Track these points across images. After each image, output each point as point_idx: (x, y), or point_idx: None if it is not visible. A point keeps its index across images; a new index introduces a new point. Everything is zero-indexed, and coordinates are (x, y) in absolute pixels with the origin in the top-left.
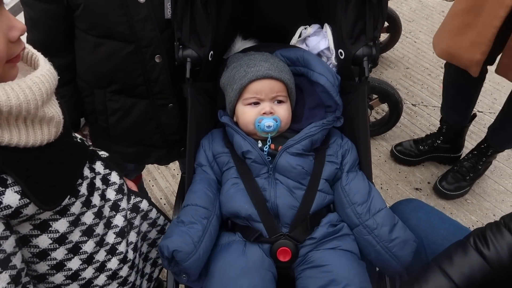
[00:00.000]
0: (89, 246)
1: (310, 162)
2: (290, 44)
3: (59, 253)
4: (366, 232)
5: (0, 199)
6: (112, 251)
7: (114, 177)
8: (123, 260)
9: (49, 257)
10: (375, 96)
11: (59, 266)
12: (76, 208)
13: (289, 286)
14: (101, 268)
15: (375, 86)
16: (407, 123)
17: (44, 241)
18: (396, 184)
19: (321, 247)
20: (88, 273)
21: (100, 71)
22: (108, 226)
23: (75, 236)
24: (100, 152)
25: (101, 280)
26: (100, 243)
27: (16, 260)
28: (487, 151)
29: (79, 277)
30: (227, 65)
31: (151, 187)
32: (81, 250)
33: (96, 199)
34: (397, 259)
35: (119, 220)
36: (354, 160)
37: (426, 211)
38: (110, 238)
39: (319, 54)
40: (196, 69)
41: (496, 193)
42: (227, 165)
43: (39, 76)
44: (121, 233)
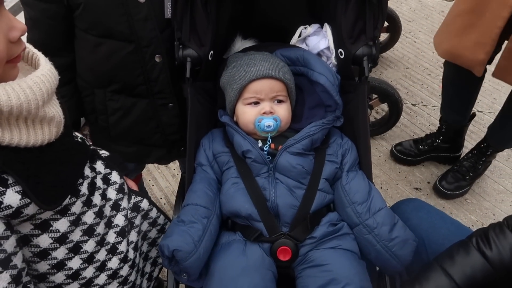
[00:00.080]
0: (89, 245)
1: (310, 161)
2: (290, 43)
3: (60, 253)
4: (366, 232)
5: (1, 199)
6: (112, 251)
7: (115, 176)
8: (124, 259)
9: (49, 256)
10: (375, 96)
11: (60, 265)
12: (76, 208)
13: (289, 286)
14: (101, 268)
15: (375, 86)
16: (407, 123)
17: (44, 240)
18: (396, 184)
19: (321, 247)
20: (89, 272)
21: (100, 70)
22: (108, 225)
23: (76, 236)
24: (101, 152)
25: (101, 279)
26: (101, 243)
27: (17, 260)
28: (486, 151)
29: (80, 276)
30: (227, 65)
31: (151, 186)
32: (81, 250)
33: (96, 199)
34: (397, 258)
35: (119, 220)
36: (354, 160)
37: (427, 210)
38: (110, 238)
39: (319, 54)
40: (196, 69)
41: (496, 192)
42: (227, 164)
43: (39, 76)
44: (122, 233)
